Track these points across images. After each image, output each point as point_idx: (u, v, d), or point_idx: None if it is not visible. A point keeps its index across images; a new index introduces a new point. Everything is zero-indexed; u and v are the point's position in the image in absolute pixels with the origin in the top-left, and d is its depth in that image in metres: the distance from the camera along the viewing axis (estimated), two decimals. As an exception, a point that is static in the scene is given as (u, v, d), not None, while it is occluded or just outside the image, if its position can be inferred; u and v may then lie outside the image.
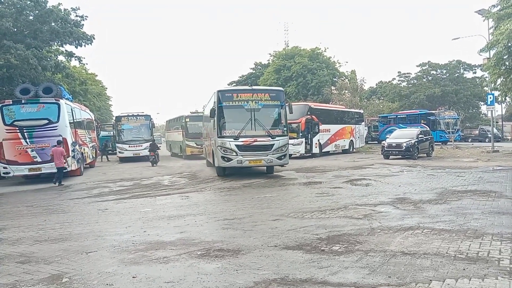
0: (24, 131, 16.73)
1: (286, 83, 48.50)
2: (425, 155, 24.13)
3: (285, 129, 15.97)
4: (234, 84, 53.82)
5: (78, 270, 5.41)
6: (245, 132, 15.16)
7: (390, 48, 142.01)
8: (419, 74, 59.23)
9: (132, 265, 5.55)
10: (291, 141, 25.03)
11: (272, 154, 15.20)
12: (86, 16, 24.01)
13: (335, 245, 6.12)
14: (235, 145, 14.99)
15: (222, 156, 15.23)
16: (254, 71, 57.88)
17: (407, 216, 8.01)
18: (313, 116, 26.08)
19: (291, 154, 25.72)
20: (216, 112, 15.39)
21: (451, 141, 33.34)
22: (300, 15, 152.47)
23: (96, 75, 55.61)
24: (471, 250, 5.66)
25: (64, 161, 16.11)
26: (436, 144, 28.81)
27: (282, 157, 15.55)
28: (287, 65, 49.33)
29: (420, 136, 23.89)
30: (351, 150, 31.05)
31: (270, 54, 56.97)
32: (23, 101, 17.14)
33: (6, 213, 10.66)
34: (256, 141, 15.06)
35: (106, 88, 60.26)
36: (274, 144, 15.22)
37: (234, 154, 15.03)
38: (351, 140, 31.36)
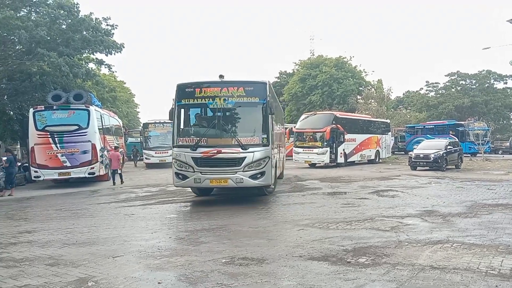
0: (55, 136, 17.23)
1: (311, 91, 48.46)
2: (453, 167, 23.53)
3: (265, 136, 11.30)
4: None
5: (105, 274, 5.50)
6: (207, 141, 11.28)
7: (418, 57, 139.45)
8: (447, 84, 58.12)
9: (158, 270, 5.60)
10: (315, 150, 25.17)
11: (243, 172, 10.94)
12: (117, 25, 24.55)
13: (361, 257, 6.02)
14: (192, 157, 11.09)
15: (176, 173, 11.46)
16: (279, 80, 58.01)
17: (435, 229, 7.82)
18: (338, 125, 25.87)
19: (315, 164, 25.72)
20: (173, 113, 11.77)
21: (481, 153, 32.42)
22: (326, 24, 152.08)
23: (125, 83, 57.05)
24: (503, 266, 5.47)
25: (120, 164, 17.99)
26: (465, 156, 28.11)
27: (259, 175, 11.11)
28: (312, 74, 49.32)
29: (448, 147, 23.32)
30: (377, 160, 30.57)
31: (295, 63, 57.14)
32: (54, 107, 17.69)
33: (36, 216, 10.98)
34: (220, 153, 11.02)
35: (134, 95, 61.60)
36: (245, 157, 10.95)
37: (191, 170, 11.10)
38: (377, 150, 30.90)
